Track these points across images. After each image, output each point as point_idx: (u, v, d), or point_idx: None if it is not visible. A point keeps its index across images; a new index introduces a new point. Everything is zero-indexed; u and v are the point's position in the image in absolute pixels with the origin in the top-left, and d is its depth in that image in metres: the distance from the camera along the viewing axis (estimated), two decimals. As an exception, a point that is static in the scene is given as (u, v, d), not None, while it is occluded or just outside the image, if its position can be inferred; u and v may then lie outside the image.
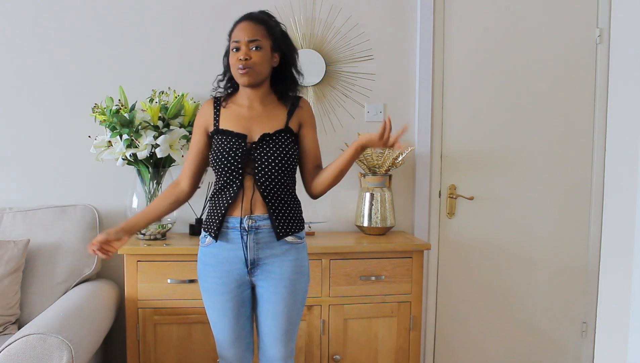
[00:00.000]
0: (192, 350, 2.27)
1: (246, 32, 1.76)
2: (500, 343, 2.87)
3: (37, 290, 2.26)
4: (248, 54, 1.75)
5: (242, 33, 1.77)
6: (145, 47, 2.57)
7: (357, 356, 2.37)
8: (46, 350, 1.70)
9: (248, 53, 1.75)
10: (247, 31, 1.77)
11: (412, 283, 2.37)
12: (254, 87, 1.81)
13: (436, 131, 2.75)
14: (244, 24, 1.78)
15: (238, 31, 1.78)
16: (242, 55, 1.75)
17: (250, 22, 1.78)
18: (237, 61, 1.76)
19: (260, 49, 1.76)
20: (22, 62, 2.52)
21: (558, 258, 2.86)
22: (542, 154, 2.82)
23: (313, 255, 2.25)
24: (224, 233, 1.78)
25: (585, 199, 2.85)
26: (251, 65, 1.75)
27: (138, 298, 2.23)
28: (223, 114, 1.84)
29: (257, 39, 1.76)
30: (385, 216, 2.56)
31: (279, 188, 1.78)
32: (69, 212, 2.39)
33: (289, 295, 1.79)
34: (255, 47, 1.76)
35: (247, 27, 1.77)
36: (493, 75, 2.77)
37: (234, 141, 1.77)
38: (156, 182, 2.39)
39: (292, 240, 1.80)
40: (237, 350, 1.84)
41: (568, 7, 2.78)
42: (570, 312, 2.89)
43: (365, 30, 2.67)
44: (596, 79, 2.80)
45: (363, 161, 2.59)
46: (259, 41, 1.76)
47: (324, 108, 2.68)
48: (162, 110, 2.36)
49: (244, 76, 1.76)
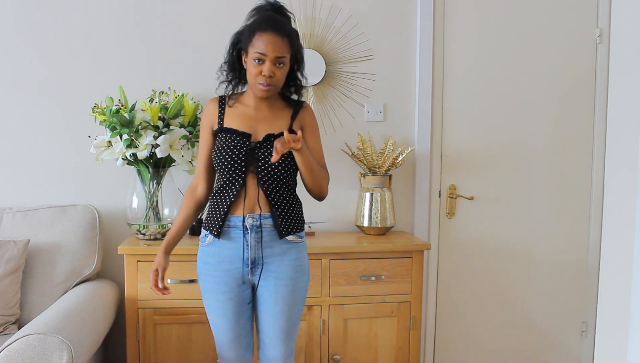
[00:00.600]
0: (192, 350, 2.27)
1: (274, 48, 1.71)
2: (500, 343, 2.87)
3: (37, 290, 2.26)
4: (273, 70, 1.72)
5: (269, 48, 1.70)
6: (145, 47, 2.57)
7: (357, 356, 2.37)
8: (46, 350, 1.70)
9: (272, 70, 1.72)
10: (275, 47, 1.71)
11: (412, 283, 2.37)
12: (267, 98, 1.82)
13: (436, 131, 2.75)
14: (271, 36, 1.71)
15: (265, 44, 1.71)
16: (267, 71, 1.71)
17: (278, 37, 1.72)
18: (260, 75, 1.72)
19: (284, 65, 1.75)
20: (22, 62, 2.51)
21: (558, 257, 2.86)
22: (542, 154, 2.82)
23: (313, 255, 2.25)
24: (225, 231, 1.79)
25: (585, 199, 2.85)
26: (274, 82, 1.74)
27: (138, 298, 2.23)
28: (228, 112, 1.84)
29: (284, 55, 1.73)
30: (385, 216, 2.56)
31: (281, 188, 1.78)
32: (69, 212, 2.39)
33: (290, 294, 1.79)
34: (280, 64, 1.74)
35: (275, 42, 1.71)
36: (493, 75, 2.77)
37: (238, 140, 1.77)
38: (156, 182, 2.39)
39: (293, 239, 1.81)
40: (236, 350, 1.84)
41: (568, 7, 2.78)
42: (570, 312, 2.89)
43: (365, 30, 2.67)
44: (596, 79, 2.80)
45: (363, 161, 2.59)
46: (285, 58, 1.74)
47: (324, 108, 2.68)
48: (162, 110, 2.36)
49: (264, 92, 1.75)
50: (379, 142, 2.69)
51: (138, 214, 2.41)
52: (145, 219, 2.39)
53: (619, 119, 2.72)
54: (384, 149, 2.59)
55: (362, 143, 2.58)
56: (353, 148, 2.64)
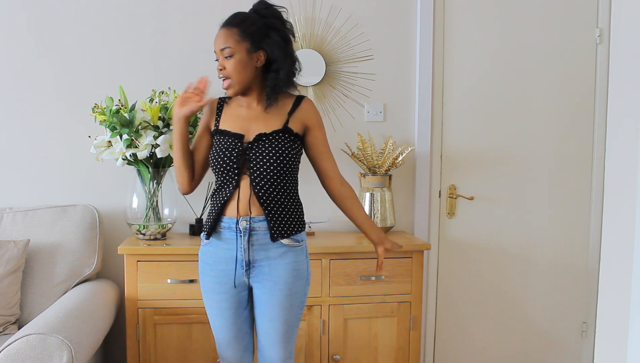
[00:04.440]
0: (192, 350, 2.27)
1: (217, 42, 1.75)
2: (500, 343, 2.87)
3: (37, 290, 2.26)
4: (222, 64, 1.74)
5: (216, 44, 1.75)
6: (145, 47, 2.57)
7: (357, 356, 2.37)
8: (46, 350, 1.70)
9: (222, 63, 1.74)
10: (218, 40, 1.75)
11: (412, 283, 2.37)
12: (244, 93, 1.80)
13: (436, 131, 2.75)
14: (219, 32, 1.76)
15: (215, 42, 1.76)
16: (219, 65, 1.75)
17: (223, 30, 1.75)
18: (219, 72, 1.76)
19: (231, 57, 1.72)
20: (22, 62, 2.52)
21: (558, 258, 2.86)
22: (542, 154, 2.82)
23: (313, 255, 2.24)
24: (218, 232, 1.78)
25: (585, 199, 2.85)
26: (225, 75, 1.74)
27: (138, 298, 2.23)
28: (225, 114, 1.84)
29: (227, 46, 1.72)
30: (385, 216, 2.56)
31: (274, 189, 1.75)
32: (69, 212, 2.39)
33: (285, 298, 1.77)
34: (228, 56, 1.73)
35: (219, 36, 1.75)
36: (493, 75, 2.77)
37: (231, 141, 1.76)
38: (156, 182, 2.39)
39: (289, 243, 1.77)
40: (235, 350, 1.83)
41: (568, 7, 2.78)
42: (570, 312, 2.89)
43: (365, 30, 2.67)
44: (596, 79, 2.80)
45: (363, 161, 2.59)
46: (230, 49, 1.72)
47: (324, 108, 2.68)
48: (162, 110, 2.36)
49: (226, 89, 1.76)
50: (379, 142, 2.69)
51: (138, 214, 2.41)
52: (145, 219, 2.39)
53: (619, 119, 2.72)
54: (384, 149, 2.59)
55: (362, 143, 2.58)
56: (353, 148, 2.64)
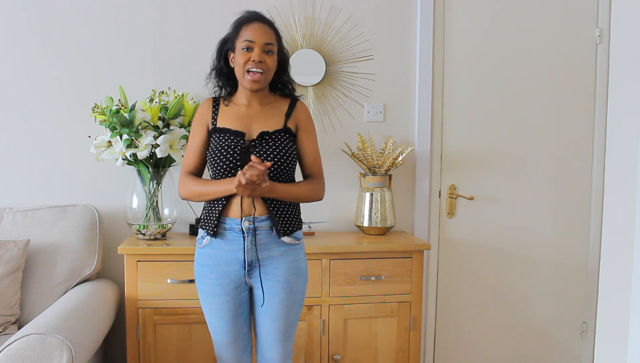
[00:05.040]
0: (192, 350, 2.27)
1: (262, 34, 1.73)
2: (500, 343, 2.87)
3: (37, 290, 2.26)
4: (262, 56, 1.73)
5: (257, 34, 1.73)
6: (145, 47, 2.57)
7: (357, 356, 2.37)
8: (46, 350, 1.70)
9: (262, 56, 1.73)
10: (264, 34, 1.74)
11: (412, 283, 2.37)
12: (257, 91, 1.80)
13: (436, 131, 2.75)
14: (258, 25, 1.75)
15: (252, 32, 1.74)
16: (256, 56, 1.72)
17: (264, 25, 1.76)
18: (250, 61, 1.73)
19: (273, 53, 1.76)
20: (22, 62, 2.51)
21: (558, 258, 2.86)
22: (542, 154, 2.82)
23: (313, 255, 2.25)
24: (221, 233, 1.78)
25: (585, 199, 2.85)
26: (264, 69, 1.74)
27: (138, 298, 2.22)
28: (222, 112, 1.84)
29: (272, 42, 1.75)
30: (385, 216, 2.56)
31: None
32: (69, 212, 2.39)
33: (287, 297, 1.78)
34: (269, 52, 1.74)
35: (262, 30, 1.74)
36: (493, 75, 2.77)
37: (232, 139, 1.76)
38: (156, 182, 2.39)
39: (290, 241, 1.79)
40: (234, 352, 1.83)
41: (568, 7, 2.78)
42: (570, 312, 2.89)
43: (365, 30, 2.67)
44: (596, 79, 2.80)
45: (363, 161, 2.59)
46: (272, 45, 1.75)
47: (324, 108, 2.67)
48: (162, 110, 2.36)
49: (254, 83, 1.74)
50: (379, 142, 2.69)
51: (138, 214, 2.41)
52: (145, 219, 2.39)
53: (619, 119, 2.72)
54: (384, 149, 2.59)
55: (362, 143, 2.58)
56: (353, 148, 2.64)
